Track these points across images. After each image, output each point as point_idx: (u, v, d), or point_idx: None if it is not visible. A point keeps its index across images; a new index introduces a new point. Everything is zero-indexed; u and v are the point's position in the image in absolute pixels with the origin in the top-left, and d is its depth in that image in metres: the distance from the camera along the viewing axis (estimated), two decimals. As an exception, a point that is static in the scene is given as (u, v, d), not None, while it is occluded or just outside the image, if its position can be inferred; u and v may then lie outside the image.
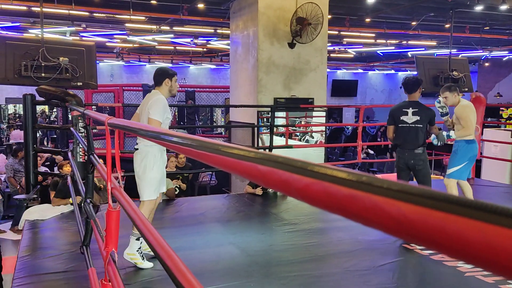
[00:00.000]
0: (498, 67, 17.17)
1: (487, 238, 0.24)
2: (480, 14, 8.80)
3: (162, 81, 3.49)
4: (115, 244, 1.62)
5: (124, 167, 10.09)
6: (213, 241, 4.02)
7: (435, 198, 0.28)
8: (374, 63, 18.95)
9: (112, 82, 16.64)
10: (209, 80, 18.51)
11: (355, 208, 0.34)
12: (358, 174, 0.35)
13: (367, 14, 9.05)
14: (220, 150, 0.59)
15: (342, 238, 4.06)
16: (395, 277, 3.27)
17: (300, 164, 0.42)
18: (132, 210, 1.30)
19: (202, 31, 10.39)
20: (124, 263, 3.28)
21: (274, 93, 7.20)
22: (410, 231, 0.29)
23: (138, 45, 12.98)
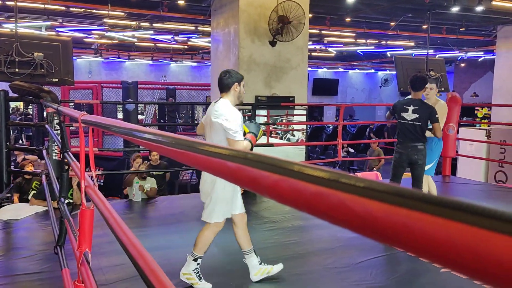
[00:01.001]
0: (474, 68, 17.55)
1: (451, 236, 0.23)
2: (456, 15, 8.97)
3: (230, 86, 2.96)
4: (89, 244, 1.58)
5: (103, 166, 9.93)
6: (192, 240, 3.97)
7: (400, 194, 0.27)
8: (355, 63, 19.13)
9: (90, 78, 16.36)
10: (190, 77, 18.39)
11: (322, 206, 0.33)
12: (324, 170, 0.34)
13: (347, 13, 9.12)
14: (190, 147, 0.57)
15: (322, 235, 4.08)
16: (373, 274, 3.30)
17: (268, 161, 0.41)
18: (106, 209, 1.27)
19: (183, 28, 10.30)
20: (100, 263, 3.22)
21: (255, 91, 7.19)
22: (376, 229, 0.28)
23: (117, 41, 12.78)
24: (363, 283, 3.16)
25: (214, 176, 1.87)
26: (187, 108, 15.44)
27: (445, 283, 3.15)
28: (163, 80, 16.97)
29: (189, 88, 14.66)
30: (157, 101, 13.82)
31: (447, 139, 6.94)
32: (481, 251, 0.22)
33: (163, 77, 17.46)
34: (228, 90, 2.95)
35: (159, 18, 9.43)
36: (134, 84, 10.66)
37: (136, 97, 10.77)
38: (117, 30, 10.95)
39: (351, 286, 3.14)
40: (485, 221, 0.22)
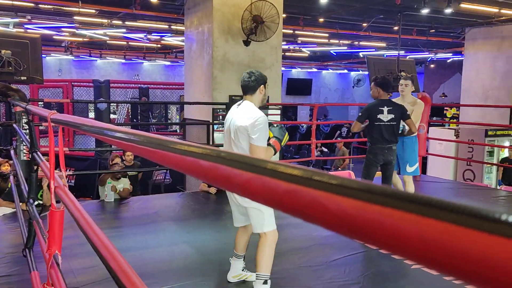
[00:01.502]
0: (443, 69, 18.03)
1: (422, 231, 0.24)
2: (426, 17, 9.18)
3: (257, 88, 2.77)
4: (59, 246, 1.54)
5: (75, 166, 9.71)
6: (166, 240, 3.95)
7: (372, 191, 0.27)
8: (328, 63, 19.34)
9: (60, 77, 15.94)
10: (163, 76, 18.17)
11: (296, 204, 0.33)
12: (297, 168, 0.34)
13: (321, 14, 9.21)
14: (162, 146, 0.56)
15: (297, 234, 4.10)
16: (347, 271, 3.35)
17: (241, 159, 0.40)
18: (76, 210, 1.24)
19: (156, 26, 10.16)
20: (71, 265, 3.15)
21: (229, 91, 7.17)
22: (349, 226, 0.29)
23: (88, 39, 12.51)
24: (337, 280, 3.20)
25: None
26: (161, 108, 15.26)
27: (417, 279, 3.23)
28: (136, 79, 16.71)
29: (162, 87, 14.50)
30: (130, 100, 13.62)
31: (418, 138, 7.11)
32: (450, 246, 0.22)
33: (136, 76, 17.20)
34: (253, 92, 2.78)
35: (131, 16, 9.27)
36: (106, 83, 10.46)
37: (108, 96, 10.57)
38: (88, 27, 10.71)
39: (325, 284, 3.17)
40: (454, 216, 0.23)
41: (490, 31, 10.37)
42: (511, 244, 0.20)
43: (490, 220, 0.22)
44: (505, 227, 0.21)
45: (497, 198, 5.79)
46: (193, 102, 7.52)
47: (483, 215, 0.22)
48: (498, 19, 9.56)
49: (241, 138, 2.69)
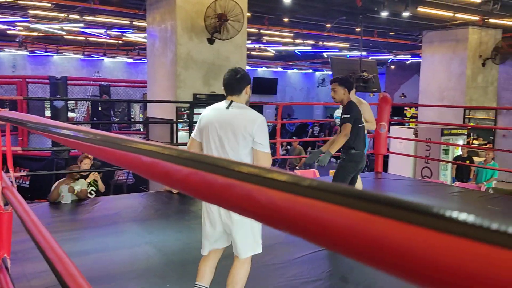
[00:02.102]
0: (402, 70, 18.59)
1: (348, 222, 0.24)
2: (386, 20, 9.43)
3: (243, 89, 2.54)
4: (8, 249, 1.47)
5: (29, 166, 9.33)
6: (127, 242, 3.87)
7: (299, 184, 0.27)
8: (293, 62, 19.53)
9: (14, 73, 15.29)
10: (125, 74, 17.80)
11: (231, 197, 0.32)
12: (232, 162, 0.33)
13: (285, 14, 9.28)
14: (106, 142, 0.54)
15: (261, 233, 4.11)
16: (309, 269, 3.39)
17: (179, 154, 0.39)
18: (24, 212, 1.18)
19: (117, 22, 9.91)
20: (24, 269, 3.02)
21: (193, 89, 7.11)
22: (279, 218, 0.28)
23: (44, 34, 12.06)
24: (299, 278, 3.23)
25: None
26: (123, 106, 14.94)
27: (377, 275, 3.30)
28: (96, 76, 16.27)
29: (124, 85, 14.17)
30: (90, 98, 13.23)
31: (379, 137, 7.30)
32: (370, 234, 0.22)
33: (96, 73, 16.74)
34: (239, 93, 2.52)
35: (90, 11, 9.00)
36: (63, 79, 10.10)
37: (66, 93, 10.22)
38: (43, 22, 10.32)
39: (288, 281, 3.20)
40: (373, 206, 0.23)
41: (445, 34, 10.77)
42: (426, 232, 0.21)
43: (406, 209, 0.22)
44: (419, 217, 0.21)
45: (452, 194, 6.02)
46: (156, 100, 7.40)
47: (400, 205, 0.22)
48: (452, 23, 9.95)
49: (241, 143, 2.43)
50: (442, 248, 0.19)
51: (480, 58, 10.64)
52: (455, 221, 0.21)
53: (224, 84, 2.58)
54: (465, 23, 9.98)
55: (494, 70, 11.09)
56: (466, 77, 10.53)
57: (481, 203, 5.43)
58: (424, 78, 11.51)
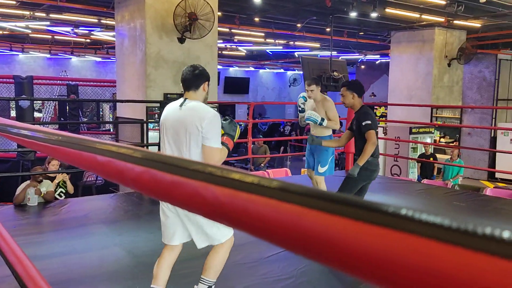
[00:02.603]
0: (372, 70, 18.94)
1: (281, 216, 0.24)
2: (355, 20, 9.60)
3: (200, 85, 2.52)
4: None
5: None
6: (96, 244, 3.80)
7: (241, 180, 0.28)
8: (265, 62, 19.58)
9: (-22, 73, 14.73)
10: (94, 73, 17.41)
11: (179, 194, 0.32)
12: (179, 159, 0.34)
13: (256, 13, 9.30)
14: (62, 142, 0.53)
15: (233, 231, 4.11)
16: (280, 267, 3.41)
17: (132, 153, 0.40)
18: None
19: (84, 20, 9.69)
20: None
21: (164, 89, 7.03)
22: (222, 213, 0.29)
23: (8, 32, 11.66)
24: (271, 276, 3.25)
25: None
26: (93, 106, 14.62)
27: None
28: (64, 75, 15.85)
29: (93, 84, 13.86)
30: (57, 97, 12.89)
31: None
32: (301, 227, 0.23)
33: (63, 72, 16.31)
34: (196, 89, 2.50)
35: (56, 9, 8.76)
36: (28, 79, 9.79)
37: (32, 93, 9.93)
38: (8, 20, 9.98)
39: (260, 280, 3.22)
40: (305, 199, 0.24)
41: (412, 34, 11.05)
42: (352, 223, 0.22)
43: (336, 202, 0.23)
44: (345, 208, 0.22)
45: (419, 191, 6.19)
46: (126, 100, 7.29)
47: (330, 199, 0.23)
48: (419, 24, 10.21)
49: (193, 141, 2.43)
50: (371, 239, 0.20)
51: (446, 58, 10.97)
52: (383, 213, 0.22)
53: (181, 80, 2.56)
54: (431, 24, 10.27)
55: (459, 70, 11.45)
56: (432, 77, 10.83)
57: (447, 199, 5.61)
58: (393, 78, 11.77)
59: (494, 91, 13.88)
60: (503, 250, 0.17)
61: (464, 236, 0.19)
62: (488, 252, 0.17)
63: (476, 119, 13.95)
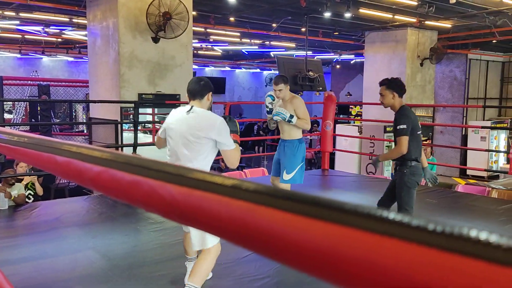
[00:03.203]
0: (347, 69, 19.19)
1: (233, 212, 0.24)
2: (329, 20, 9.70)
3: (205, 94, 2.74)
4: None
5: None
6: (69, 248, 3.71)
7: (196, 178, 0.28)
8: (241, 62, 19.57)
9: None
10: (66, 73, 17.04)
11: (137, 194, 0.32)
12: (138, 158, 0.33)
13: (231, 13, 9.28)
14: (19, 142, 0.52)
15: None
16: (257, 267, 3.42)
17: (91, 153, 0.39)
18: None
19: (55, 19, 9.46)
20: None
21: (138, 89, 6.95)
22: (178, 212, 0.29)
23: (-24, 31, 11.30)
24: (247, 276, 3.26)
25: None
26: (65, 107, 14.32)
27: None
28: (35, 75, 15.45)
29: (65, 84, 13.57)
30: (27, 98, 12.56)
31: (325, 135, 7.49)
32: (251, 223, 0.23)
33: (34, 72, 15.90)
34: (201, 98, 2.73)
35: (26, 7, 8.53)
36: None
37: (2, 94, 9.66)
38: (-24, 19, 9.66)
39: (236, 280, 3.21)
40: (255, 196, 0.24)
41: (386, 35, 11.24)
42: (297, 218, 0.22)
43: (281, 198, 0.23)
44: (291, 204, 0.22)
45: (394, 188, 6.29)
46: (100, 100, 7.16)
47: (276, 195, 0.23)
48: (392, 24, 10.40)
49: (198, 146, 2.63)
50: (314, 233, 0.20)
51: (418, 58, 11.20)
52: (325, 207, 0.22)
53: (187, 90, 2.78)
54: (403, 25, 10.47)
55: (431, 70, 11.72)
56: (406, 76, 11.04)
57: (420, 196, 5.72)
58: (367, 77, 11.94)
59: (465, 90, 14.27)
60: (436, 241, 0.18)
61: (400, 228, 0.19)
62: (422, 243, 0.18)
63: (448, 117, 14.31)
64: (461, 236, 0.19)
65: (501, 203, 5.25)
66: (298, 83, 9.31)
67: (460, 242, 0.18)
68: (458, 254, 0.18)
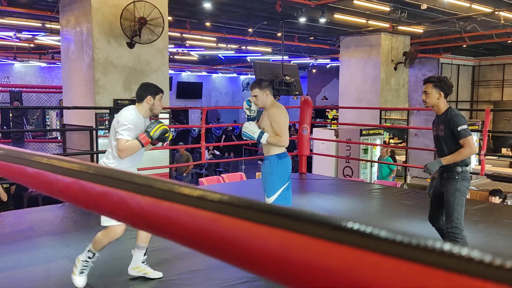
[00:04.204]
0: (323, 74, 19.42)
1: (198, 222, 0.25)
2: (305, 25, 9.81)
3: (144, 98, 3.06)
4: None
5: None
6: (42, 257, 3.63)
7: (162, 189, 0.29)
8: (217, 66, 19.56)
9: None
10: (39, 79, 16.68)
11: (107, 204, 0.32)
12: (108, 169, 0.34)
13: (207, 18, 9.28)
14: (-10, 153, 0.51)
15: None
16: (235, 271, 3.41)
17: (61, 164, 0.39)
18: None
19: (27, 24, 9.27)
20: None
21: (113, 95, 6.86)
22: (146, 222, 0.29)
23: None
24: (227, 281, 3.25)
25: None
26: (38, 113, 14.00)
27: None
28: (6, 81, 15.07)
29: (38, 90, 13.27)
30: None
31: (302, 139, 7.55)
32: (213, 231, 0.24)
33: (5, 78, 15.50)
34: (140, 101, 3.06)
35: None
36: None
37: (-28, 101, 9.37)
38: None
39: (215, 286, 3.20)
40: (218, 206, 0.25)
41: (360, 39, 11.44)
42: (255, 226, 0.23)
43: (242, 207, 0.24)
44: (251, 213, 0.23)
45: (370, 191, 6.40)
46: (74, 106, 7.03)
47: (238, 204, 0.24)
48: (366, 29, 10.60)
49: (112, 135, 3.03)
50: (275, 241, 0.21)
51: (392, 62, 11.43)
52: (279, 215, 0.24)
53: None
54: (377, 30, 10.68)
55: (405, 74, 11.98)
56: (380, 80, 11.25)
57: (396, 198, 5.83)
58: (343, 81, 12.11)
59: (437, 94, 14.61)
60: (377, 246, 0.19)
61: (347, 235, 0.21)
62: (365, 248, 0.19)
63: (422, 120, 14.64)
64: (400, 241, 0.21)
65: (474, 203, 5.39)
66: (275, 87, 9.37)
67: (399, 247, 0.20)
68: (397, 258, 0.19)
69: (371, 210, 5.48)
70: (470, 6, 8.43)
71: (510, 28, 9.89)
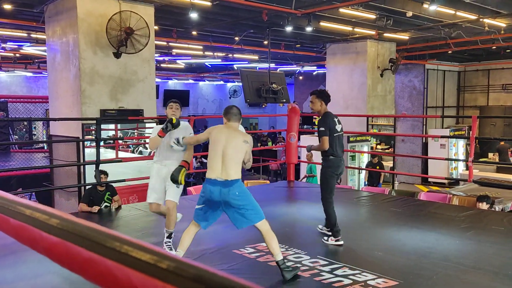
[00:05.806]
0: (310, 80, 19.51)
1: None
2: (292, 33, 9.86)
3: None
4: None
5: None
6: (28, 272, 3.55)
7: (155, 265, 0.28)
8: (204, 74, 19.54)
9: None
10: (25, 89, 16.47)
11: (93, 273, 0.31)
12: (98, 232, 0.33)
13: (193, 27, 9.28)
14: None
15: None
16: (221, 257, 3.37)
17: (47, 219, 0.38)
18: None
19: (13, 34, 9.17)
20: None
21: (100, 105, 6.80)
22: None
23: None
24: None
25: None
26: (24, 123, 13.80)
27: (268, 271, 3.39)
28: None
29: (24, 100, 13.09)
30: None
31: (290, 147, 7.55)
32: None
33: (-10, 88, 15.29)
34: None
35: (-19, 23, 8.24)
36: None
37: (-45, 112, 9.20)
38: None
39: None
40: None
41: (347, 47, 11.53)
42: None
43: None
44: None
45: (359, 198, 6.41)
46: (60, 118, 6.94)
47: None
48: (352, 36, 10.69)
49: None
50: None
51: (378, 69, 11.54)
52: None
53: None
54: (363, 37, 10.78)
55: (391, 80, 12.09)
56: (367, 87, 11.33)
57: (384, 205, 5.85)
58: (329, 88, 12.17)
59: (424, 99, 14.80)
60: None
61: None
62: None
63: (409, 126, 14.78)
64: None
65: (462, 210, 5.42)
66: (262, 95, 9.38)
67: None
68: None
69: (359, 218, 5.49)
70: (455, 13, 8.57)
71: (494, 34, 10.07)
